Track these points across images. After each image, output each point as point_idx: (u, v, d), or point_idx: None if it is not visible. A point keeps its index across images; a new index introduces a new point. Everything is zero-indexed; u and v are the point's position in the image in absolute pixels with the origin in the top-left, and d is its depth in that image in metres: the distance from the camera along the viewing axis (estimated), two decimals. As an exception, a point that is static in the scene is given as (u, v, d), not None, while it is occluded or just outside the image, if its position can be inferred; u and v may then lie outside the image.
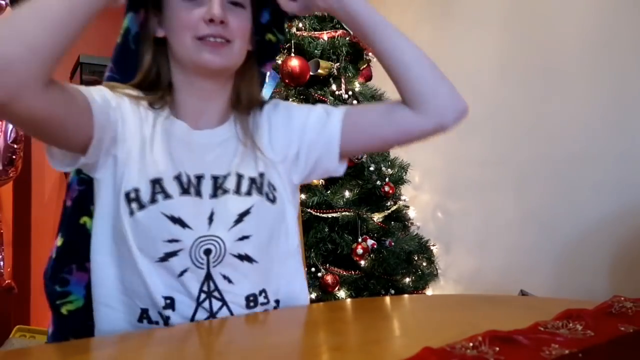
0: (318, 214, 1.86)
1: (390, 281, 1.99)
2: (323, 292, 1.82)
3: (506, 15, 2.11)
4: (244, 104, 0.85)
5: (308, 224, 1.86)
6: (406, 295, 1.82)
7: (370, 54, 2.19)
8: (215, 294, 0.74)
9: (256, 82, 0.89)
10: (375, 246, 1.93)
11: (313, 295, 1.83)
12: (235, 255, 0.75)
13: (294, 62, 1.87)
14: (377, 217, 2.00)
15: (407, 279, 2.03)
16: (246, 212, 0.76)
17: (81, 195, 0.81)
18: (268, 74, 1.85)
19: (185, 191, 0.75)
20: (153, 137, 0.77)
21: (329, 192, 1.95)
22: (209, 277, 0.74)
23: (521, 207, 2.01)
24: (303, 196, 1.86)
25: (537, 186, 1.95)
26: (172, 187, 0.74)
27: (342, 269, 1.90)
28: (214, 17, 0.74)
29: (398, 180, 2.11)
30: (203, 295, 0.73)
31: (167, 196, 0.73)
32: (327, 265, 1.88)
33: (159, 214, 0.72)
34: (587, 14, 1.80)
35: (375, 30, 0.87)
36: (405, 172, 2.16)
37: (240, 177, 0.78)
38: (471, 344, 0.48)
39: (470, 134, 2.26)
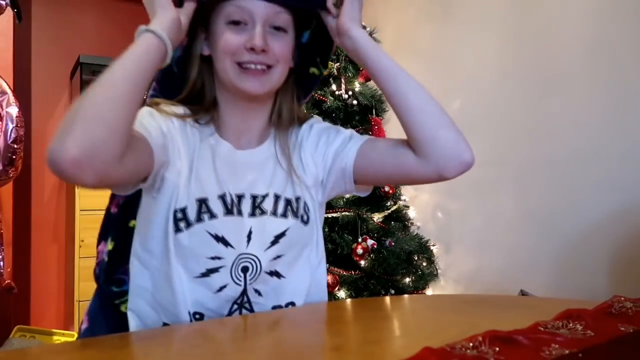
0: (318, 214, 1.86)
1: (390, 281, 1.99)
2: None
3: (506, 15, 2.11)
4: (284, 122, 0.88)
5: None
6: (406, 295, 1.82)
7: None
8: (247, 305, 0.79)
9: (295, 98, 0.91)
10: (375, 246, 1.93)
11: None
12: (267, 272, 0.79)
13: (294, 62, 1.87)
14: (377, 217, 2.00)
15: (407, 279, 2.03)
16: (282, 235, 0.80)
17: (127, 201, 0.85)
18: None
19: (229, 211, 0.78)
20: (199, 157, 0.80)
21: (329, 192, 1.95)
22: (244, 292, 0.78)
23: (521, 207, 2.01)
24: (303, 196, 1.86)
25: (537, 186, 1.95)
26: (217, 206, 0.77)
27: (342, 269, 1.90)
28: (256, 47, 0.77)
29: (398, 180, 2.11)
30: (235, 307, 0.78)
31: (212, 216, 0.76)
32: (327, 265, 1.88)
33: (205, 232, 0.76)
34: (587, 15, 1.80)
35: (383, 73, 0.88)
36: (405, 172, 2.16)
37: (277, 198, 0.82)
38: (471, 344, 0.48)
39: (470, 134, 2.25)
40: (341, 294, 1.86)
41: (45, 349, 0.66)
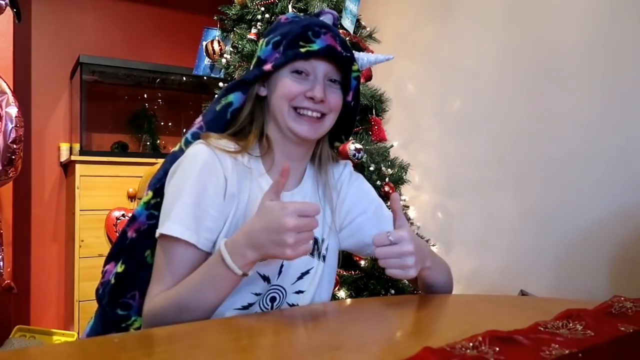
0: (318, 214, 1.86)
1: (390, 281, 1.99)
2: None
3: (506, 15, 2.11)
4: (323, 163, 0.96)
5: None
6: (406, 295, 1.82)
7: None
8: None
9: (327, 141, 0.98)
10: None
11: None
12: (289, 304, 0.88)
13: (294, 62, 1.87)
14: (377, 217, 2.00)
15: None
16: (306, 272, 0.89)
17: (149, 230, 0.86)
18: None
19: None
20: (251, 198, 0.85)
21: (329, 192, 1.95)
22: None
23: (521, 207, 2.01)
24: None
25: (537, 186, 1.94)
26: None
27: (342, 269, 1.90)
28: (316, 97, 0.85)
29: (398, 180, 2.11)
30: None
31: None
32: (327, 265, 1.87)
33: (255, 272, 0.82)
34: (587, 14, 1.80)
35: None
36: (405, 172, 2.16)
37: (316, 239, 0.90)
38: (471, 344, 0.48)
39: (470, 133, 2.26)
40: (341, 294, 1.86)
41: (45, 349, 0.66)
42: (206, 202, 0.80)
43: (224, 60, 2.08)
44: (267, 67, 0.87)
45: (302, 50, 0.85)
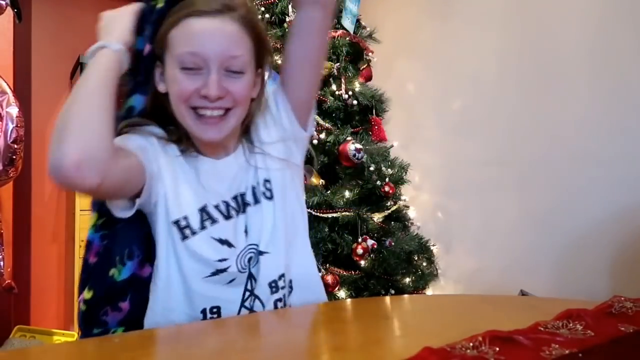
0: (318, 214, 1.86)
1: (390, 281, 1.99)
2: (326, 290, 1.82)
3: (506, 15, 2.11)
4: (250, 131, 0.92)
5: (308, 224, 1.86)
6: (406, 295, 1.82)
7: (370, 54, 2.19)
8: (256, 292, 0.82)
9: (261, 105, 0.92)
10: (375, 246, 1.93)
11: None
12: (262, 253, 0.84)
13: (294, 62, 1.87)
14: (377, 217, 2.00)
15: (407, 279, 2.03)
16: (269, 220, 0.85)
17: (106, 250, 0.85)
18: (267, 74, 1.86)
19: (227, 216, 0.83)
20: (184, 171, 0.83)
21: (329, 192, 1.95)
22: (250, 276, 0.82)
23: (521, 207, 2.01)
24: (303, 196, 1.86)
25: (537, 186, 1.94)
26: (215, 213, 0.82)
27: (342, 269, 1.90)
28: (210, 96, 0.77)
29: (398, 180, 2.11)
30: (247, 294, 0.81)
31: (214, 221, 0.81)
32: (327, 265, 1.88)
33: (210, 238, 0.80)
34: (587, 15, 1.80)
35: None
36: (405, 172, 2.16)
37: (254, 188, 0.87)
38: (471, 344, 0.48)
39: (470, 133, 2.26)
40: (341, 294, 1.86)
41: (45, 349, 0.66)
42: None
43: (224, 60, 2.08)
44: (147, 49, 0.83)
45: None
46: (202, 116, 0.78)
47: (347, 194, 1.95)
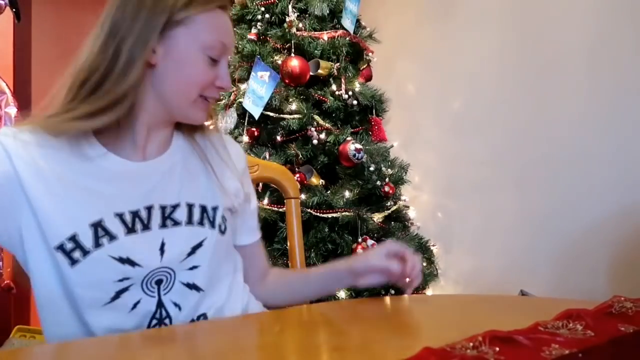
0: (318, 214, 1.86)
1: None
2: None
3: (506, 15, 2.11)
4: (197, 128, 0.85)
5: (308, 224, 1.86)
6: (406, 295, 1.82)
7: (370, 54, 2.19)
8: (167, 321, 0.73)
9: None
10: (375, 246, 1.93)
11: (313, 295, 1.83)
12: (184, 284, 0.74)
13: (294, 62, 1.87)
14: (377, 217, 2.00)
15: (407, 279, 2.03)
16: (199, 245, 0.76)
17: None
18: (268, 74, 1.86)
19: (130, 229, 0.71)
20: (84, 177, 0.71)
21: (329, 192, 1.95)
22: (160, 304, 0.72)
23: (521, 207, 2.01)
24: (303, 196, 1.86)
25: (537, 186, 1.95)
26: (115, 226, 0.69)
27: (342, 269, 1.89)
28: (226, 88, 0.78)
29: (398, 180, 2.11)
30: (154, 322, 0.72)
31: (112, 238, 0.69)
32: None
33: (107, 257, 0.68)
34: (587, 15, 1.80)
35: None
36: (405, 172, 2.16)
37: (190, 206, 0.77)
38: (471, 344, 0.48)
39: (470, 134, 2.26)
40: (341, 294, 1.86)
41: (45, 349, 0.66)
42: None
43: (224, 60, 2.08)
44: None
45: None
46: (204, 102, 0.77)
47: (347, 194, 1.95)
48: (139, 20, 0.71)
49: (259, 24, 1.99)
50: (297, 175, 1.87)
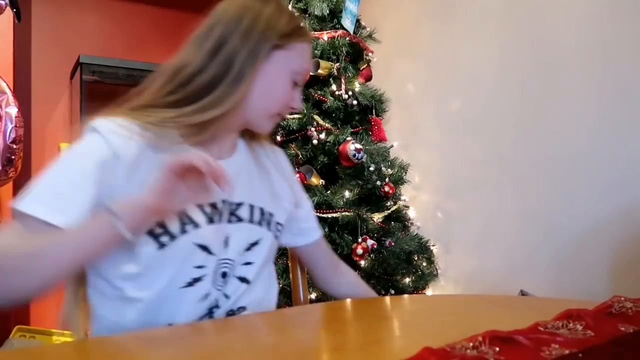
0: (318, 214, 1.86)
1: (390, 281, 1.99)
2: (323, 292, 1.83)
3: (506, 16, 2.11)
4: (256, 137, 0.93)
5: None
6: (406, 295, 1.82)
7: (370, 54, 2.19)
8: (215, 310, 0.79)
9: None
10: (375, 246, 1.93)
11: (313, 296, 1.83)
12: (237, 277, 0.81)
13: (294, 62, 1.86)
14: (377, 217, 2.00)
15: (407, 279, 2.03)
16: (255, 243, 0.84)
17: None
18: None
19: (209, 220, 0.78)
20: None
21: (329, 192, 1.95)
22: (220, 296, 0.80)
23: (521, 207, 2.01)
24: (303, 196, 1.86)
25: (537, 186, 1.95)
26: (198, 216, 0.76)
27: (342, 269, 1.89)
28: (297, 110, 0.87)
29: (398, 180, 2.11)
30: (207, 311, 0.78)
31: (196, 225, 0.76)
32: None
33: (190, 243, 0.75)
34: (587, 15, 1.80)
35: None
36: (405, 172, 2.16)
37: (252, 207, 0.84)
38: (471, 344, 0.48)
39: (470, 134, 2.26)
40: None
41: (45, 349, 0.66)
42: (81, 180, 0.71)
43: (224, 60, 2.08)
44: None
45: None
46: (275, 117, 0.85)
47: (347, 194, 1.95)
48: (250, 39, 0.78)
49: (259, 24, 1.99)
50: (297, 175, 1.87)
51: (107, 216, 0.65)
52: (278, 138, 1.99)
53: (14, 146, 1.87)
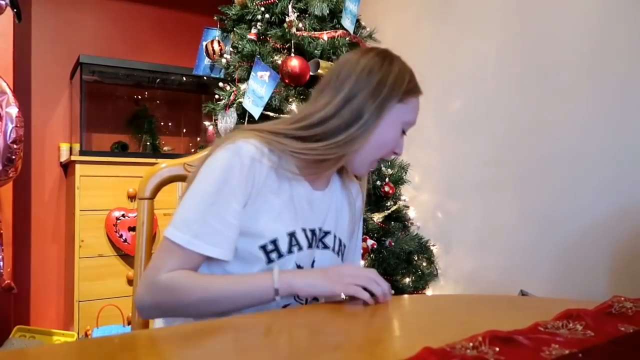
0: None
1: (390, 281, 1.99)
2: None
3: (506, 15, 2.11)
4: (347, 173, 1.03)
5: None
6: (406, 295, 1.82)
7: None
8: None
9: None
10: (375, 246, 1.93)
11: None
12: (314, 298, 0.89)
13: (294, 62, 1.87)
14: (377, 217, 2.00)
15: (407, 279, 2.03)
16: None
17: None
18: (268, 74, 1.85)
19: (310, 244, 0.89)
20: (283, 193, 0.88)
21: (329, 192, 1.95)
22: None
23: (521, 207, 2.01)
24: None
25: (537, 186, 1.94)
26: (302, 239, 0.88)
27: (342, 269, 1.89)
28: (399, 154, 0.94)
29: (398, 180, 2.11)
30: None
31: (300, 248, 0.87)
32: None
33: (293, 263, 0.86)
34: (587, 15, 1.80)
35: None
36: (405, 172, 2.16)
37: (335, 237, 0.96)
38: (471, 344, 0.48)
39: (470, 134, 2.26)
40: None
41: (45, 349, 0.66)
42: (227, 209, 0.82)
43: (224, 61, 2.08)
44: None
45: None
46: (376, 162, 0.93)
47: (347, 194, 1.94)
48: (379, 95, 0.87)
49: (258, 24, 1.99)
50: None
51: (270, 288, 0.78)
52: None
53: (15, 146, 1.87)
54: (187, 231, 0.79)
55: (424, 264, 2.13)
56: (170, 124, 3.32)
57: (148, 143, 3.14)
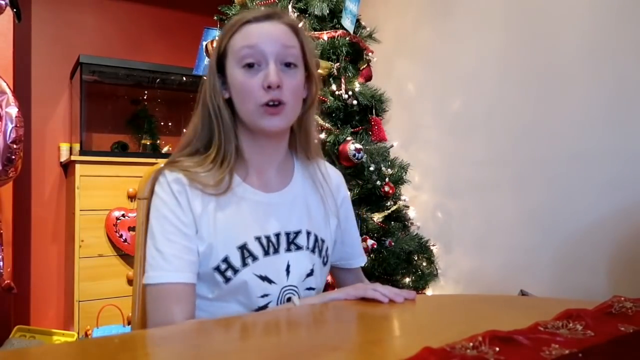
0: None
1: (390, 281, 1.99)
2: (323, 291, 1.82)
3: (507, 15, 2.11)
4: (310, 155, 0.95)
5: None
6: (406, 295, 1.82)
7: (370, 54, 2.19)
8: None
9: (314, 129, 0.96)
10: (375, 246, 1.93)
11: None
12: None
13: (294, 62, 1.86)
14: (377, 217, 2.00)
15: (407, 279, 2.03)
16: (312, 270, 0.90)
17: None
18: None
19: (266, 252, 0.85)
20: (227, 207, 0.84)
21: (329, 192, 1.95)
22: None
23: (521, 207, 2.01)
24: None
25: (537, 186, 1.95)
26: (256, 249, 0.84)
27: (342, 269, 1.89)
28: (272, 84, 0.81)
29: (398, 180, 2.11)
30: None
31: (255, 258, 0.83)
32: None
33: (252, 275, 0.83)
34: (588, 15, 1.80)
35: None
36: (405, 172, 2.16)
37: (308, 234, 0.90)
38: (471, 344, 0.48)
39: (470, 134, 2.26)
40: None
41: (45, 349, 0.66)
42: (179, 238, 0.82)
43: (224, 60, 2.08)
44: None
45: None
46: (266, 109, 0.82)
47: (347, 194, 1.94)
48: (211, 74, 0.87)
49: (259, 24, 1.99)
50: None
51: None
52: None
53: (14, 146, 1.87)
54: (153, 269, 0.79)
55: (424, 263, 2.13)
56: (170, 124, 3.32)
57: (148, 143, 3.14)
